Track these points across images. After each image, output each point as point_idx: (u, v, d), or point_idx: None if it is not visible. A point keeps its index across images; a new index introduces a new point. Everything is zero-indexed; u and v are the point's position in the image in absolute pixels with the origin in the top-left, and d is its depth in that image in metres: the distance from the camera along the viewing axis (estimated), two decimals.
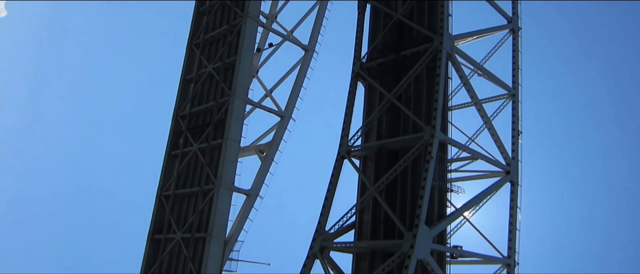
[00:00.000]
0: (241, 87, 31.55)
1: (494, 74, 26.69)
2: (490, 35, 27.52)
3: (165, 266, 31.06)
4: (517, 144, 27.18)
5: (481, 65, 25.89)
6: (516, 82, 27.83)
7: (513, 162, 26.32)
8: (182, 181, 32.74)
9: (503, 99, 28.32)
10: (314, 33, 35.03)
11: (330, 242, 23.80)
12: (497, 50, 28.65)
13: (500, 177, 26.14)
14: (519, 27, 28.10)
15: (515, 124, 27.61)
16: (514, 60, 28.00)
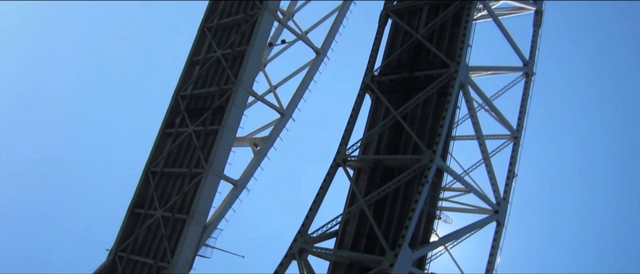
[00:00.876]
0: (247, 78, 31.42)
1: (501, 112, 26.69)
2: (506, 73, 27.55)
3: (140, 240, 30.68)
4: (511, 187, 27.15)
5: (491, 101, 25.87)
6: (521, 126, 27.86)
7: (503, 203, 26.26)
8: (171, 160, 32.42)
9: (505, 139, 28.33)
10: (328, 38, 35.12)
11: (311, 246, 23.57)
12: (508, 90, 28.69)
13: (488, 215, 26.08)
14: (533, 72, 28.21)
15: (512, 166, 27.61)
16: (523, 105, 28.05)
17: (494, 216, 25.95)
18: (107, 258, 31.12)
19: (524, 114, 28.12)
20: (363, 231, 24.07)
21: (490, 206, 25.96)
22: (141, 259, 29.86)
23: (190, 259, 29.12)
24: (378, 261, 21.26)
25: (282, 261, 23.42)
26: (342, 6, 35.88)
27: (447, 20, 25.57)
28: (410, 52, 26.01)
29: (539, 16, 29.10)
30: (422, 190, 21.59)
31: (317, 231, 24.28)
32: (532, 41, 28.75)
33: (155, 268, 29.30)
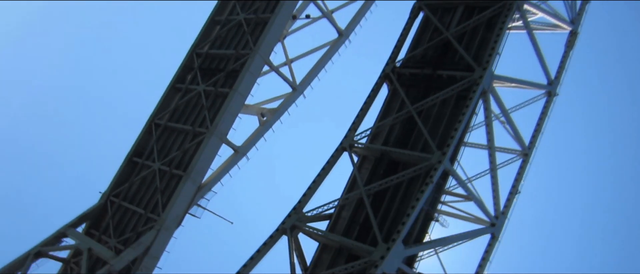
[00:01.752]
0: (266, 46, 30.89)
1: (516, 126, 26.30)
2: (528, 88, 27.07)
3: (134, 189, 30.43)
4: (512, 202, 26.92)
5: (509, 114, 25.44)
6: (533, 144, 27.49)
7: (501, 217, 26.00)
8: (177, 115, 32.02)
9: (515, 154, 27.94)
10: (354, 21, 34.48)
11: (303, 224, 23.33)
12: (526, 105, 28.23)
13: (484, 226, 25.84)
14: (556, 93, 27.72)
15: (517, 182, 27.32)
16: (539, 123, 27.65)
17: (490, 228, 25.68)
18: (98, 200, 30.89)
19: (539, 132, 27.73)
20: (358, 219, 23.84)
21: (488, 218, 25.68)
22: (132, 208, 29.62)
23: (181, 216, 28.88)
24: (369, 252, 21.04)
25: (272, 234, 23.21)
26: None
27: (480, 24, 25.07)
28: (437, 49, 25.54)
29: (574, 37, 28.56)
30: (426, 189, 21.30)
31: (311, 210, 24.07)
32: (562, 61, 28.20)
33: (144, 219, 29.10)
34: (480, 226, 25.98)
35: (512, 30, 26.97)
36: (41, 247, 29.31)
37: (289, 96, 32.62)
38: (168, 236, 28.52)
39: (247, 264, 22.46)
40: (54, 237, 29.72)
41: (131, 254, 27.27)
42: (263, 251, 22.76)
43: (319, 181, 24.22)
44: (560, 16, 28.76)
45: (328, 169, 24.44)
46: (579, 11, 29.47)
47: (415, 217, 21.17)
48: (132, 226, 29.62)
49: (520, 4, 24.85)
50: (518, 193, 27.34)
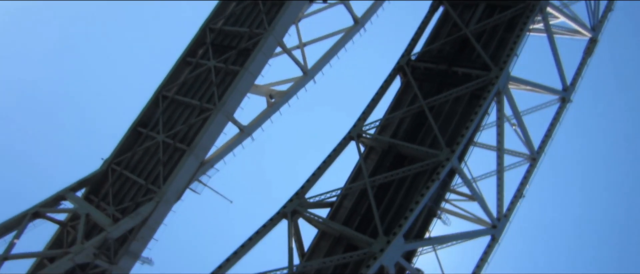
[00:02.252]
0: (280, 27, 30.57)
1: (527, 130, 25.97)
2: (542, 93, 26.70)
3: (136, 158, 30.28)
4: (515, 206, 26.69)
5: (521, 117, 25.11)
6: (542, 149, 27.20)
7: (503, 219, 25.77)
8: (185, 89, 31.75)
9: (522, 158, 27.65)
10: (371, 9, 34.11)
11: (305, 209, 23.12)
12: (539, 110, 27.88)
13: (485, 227, 25.65)
14: (570, 99, 27.34)
15: (522, 186, 27.07)
16: (550, 129, 27.33)
17: (491, 230, 25.44)
18: (100, 166, 30.74)
19: (549, 138, 27.42)
20: (359, 210, 23.61)
21: (490, 219, 25.47)
22: (133, 177, 29.49)
23: (181, 190, 28.76)
24: (368, 243, 20.85)
25: (273, 217, 23.00)
26: None
27: (501, 23, 24.66)
28: (454, 45, 25.14)
29: (593, 45, 28.12)
30: (431, 186, 21.06)
31: (314, 197, 23.86)
32: (578, 68, 27.80)
33: (144, 190, 28.99)
34: (481, 227, 25.82)
35: (532, 33, 26.55)
36: (39, 208, 29.17)
37: (300, 79, 32.30)
38: (167, 208, 28.45)
39: (245, 244, 22.29)
40: (52, 199, 29.58)
41: (129, 224, 27.20)
42: (262, 233, 22.58)
43: (323, 168, 23.96)
44: (581, 21, 28.30)
45: (334, 156, 24.17)
46: (601, 18, 29.00)
47: (418, 212, 20.96)
48: (131, 196, 29.54)
49: (544, 5, 24.38)
50: (522, 197, 27.10)
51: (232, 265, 22.15)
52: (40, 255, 29.24)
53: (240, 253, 22.22)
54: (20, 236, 27.91)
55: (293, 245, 22.55)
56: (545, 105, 28.28)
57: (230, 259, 22.06)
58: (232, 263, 22.09)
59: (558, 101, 27.98)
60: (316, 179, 23.82)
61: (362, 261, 21.73)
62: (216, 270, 21.88)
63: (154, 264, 29.60)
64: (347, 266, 22.37)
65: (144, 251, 28.61)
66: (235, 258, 22.13)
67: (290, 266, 21.05)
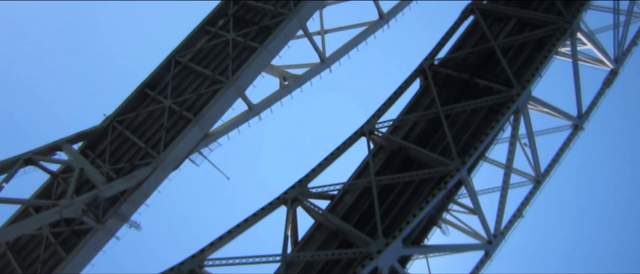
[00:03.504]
0: (306, 11, 30.06)
1: (537, 152, 25.69)
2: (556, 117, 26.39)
3: (139, 120, 29.72)
4: (513, 225, 26.45)
5: (534, 138, 24.80)
6: (548, 173, 26.91)
7: (500, 237, 25.55)
8: (199, 57, 31.14)
9: (527, 178, 27.40)
10: (398, 7, 33.60)
11: (306, 198, 22.78)
12: (550, 133, 27.59)
13: (481, 242, 25.45)
14: (583, 128, 27.06)
15: (522, 206, 26.74)
16: (559, 154, 27.01)
17: (485, 245, 25.20)
18: (101, 122, 30.15)
19: (556, 163, 27.13)
20: (360, 207, 23.29)
21: (486, 235, 25.28)
22: (133, 138, 28.94)
23: (180, 159, 28.26)
24: (366, 242, 20.58)
25: (272, 202, 22.66)
26: None
27: (529, 42, 24.31)
28: (480, 56, 24.77)
29: (613, 76, 27.80)
30: (438, 194, 20.79)
31: (316, 187, 23.53)
32: (596, 97, 27.45)
33: (143, 153, 28.46)
34: (476, 242, 25.61)
35: (557, 56, 26.23)
36: (33, 154, 28.53)
37: (316, 66, 31.78)
38: (163, 175, 27.96)
39: (241, 225, 21.96)
40: (48, 148, 28.92)
41: (122, 185, 26.72)
42: (259, 216, 22.24)
43: (330, 160, 23.61)
44: (606, 52, 27.97)
45: (343, 149, 23.82)
46: (624, 52, 28.68)
47: (420, 219, 20.70)
48: (129, 157, 29.00)
49: (575, 30, 24.03)
50: (521, 217, 26.89)
51: (225, 244, 21.84)
52: (27, 203, 28.65)
53: (235, 233, 21.89)
54: (9, 180, 27.30)
55: (289, 233, 22.27)
56: (558, 129, 27.98)
57: (223, 238, 21.73)
58: (224, 242, 21.79)
59: (571, 128, 27.69)
60: (322, 170, 23.50)
61: (355, 259, 21.52)
62: (207, 247, 21.53)
63: (141, 229, 29.19)
64: (339, 263, 22.09)
65: (133, 215, 28.15)
66: (228, 237, 21.81)
67: (284, 255, 20.76)
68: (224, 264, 20.94)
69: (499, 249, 25.99)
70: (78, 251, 26.12)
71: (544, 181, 27.17)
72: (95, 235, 26.48)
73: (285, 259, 20.76)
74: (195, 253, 21.15)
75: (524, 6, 25.70)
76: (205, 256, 21.08)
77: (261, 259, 20.77)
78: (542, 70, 23.10)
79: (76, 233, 27.52)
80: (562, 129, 27.98)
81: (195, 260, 20.81)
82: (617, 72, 28.31)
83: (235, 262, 20.87)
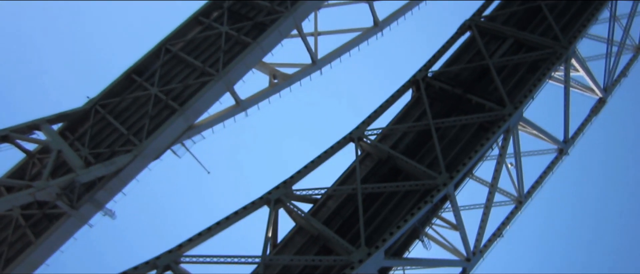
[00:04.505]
0: (302, 10, 29.80)
1: (522, 172, 25.77)
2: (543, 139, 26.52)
3: (123, 106, 29.07)
4: (492, 244, 26.50)
5: (521, 159, 24.88)
6: (530, 194, 27.03)
7: (478, 255, 25.56)
8: (190, 47, 30.62)
9: (509, 198, 27.48)
10: (393, 16, 33.48)
11: (289, 200, 22.41)
12: (537, 154, 27.71)
13: (459, 258, 25.42)
14: (567, 152, 27.25)
15: (503, 226, 26.84)
16: (542, 176, 27.16)
17: (464, 262, 25.19)
18: (83, 104, 29.33)
19: (539, 185, 27.26)
20: (343, 213, 23.01)
21: (465, 252, 25.25)
22: (115, 124, 28.23)
23: (162, 149, 27.71)
24: (348, 251, 20.33)
25: (255, 201, 22.21)
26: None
27: (524, 63, 24.36)
28: (474, 73, 24.76)
29: (601, 105, 28.06)
30: (423, 207, 20.66)
31: (300, 190, 23.19)
32: (582, 124, 27.69)
33: (124, 140, 27.80)
34: (455, 258, 25.55)
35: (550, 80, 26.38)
36: (10, 131, 27.61)
37: (307, 67, 31.47)
38: (143, 164, 27.40)
39: (221, 222, 21.48)
40: (26, 126, 28.02)
41: (101, 171, 26.04)
42: (241, 215, 21.79)
43: (317, 163, 23.27)
44: (596, 80, 28.24)
45: (330, 153, 23.50)
46: (614, 81, 29.00)
47: (404, 231, 20.54)
48: (109, 143, 28.30)
49: (570, 56, 24.18)
50: (501, 237, 26.96)
51: (203, 241, 21.34)
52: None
53: (214, 231, 21.40)
54: None
55: (269, 234, 21.89)
56: (542, 152, 28.14)
57: (202, 234, 21.22)
58: (203, 239, 21.28)
59: (555, 151, 27.88)
60: (307, 172, 23.14)
61: (334, 266, 21.25)
62: (185, 242, 21.00)
63: (115, 218, 28.48)
64: (317, 268, 21.78)
65: (108, 203, 27.43)
66: (207, 234, 21.31)
67: (264, 256, 20.40)
68: (201, 262, 20.44)
69: (476, 267, 26.09)
70: (48, 236, 25.35)
71: (526, 202, 27.29)
72: (68, 220, 25.74)
73: (264, 261, 20.40)
74: (172, 247, 20.60)
75: (522, 27, 25.80)
76: (182, 252, 20.56)
77: (240, 260, 20.36)
78: (535, 92, 23.16)
79: (48, 217, 26.68)
80: (546, 152, 28.17)
81: (172, 255, 20.27)
82: (605, 101, 28.60)
83: (213, 260, 20.39)
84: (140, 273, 19.88)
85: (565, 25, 25.43)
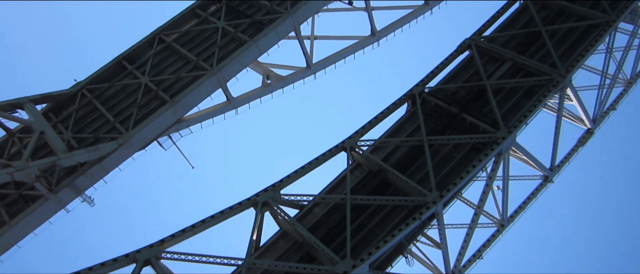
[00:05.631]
0: (302, 13, 29.55)
1: (508, 197, 25.87)
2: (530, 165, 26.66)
3: (111, 92, 28.47)
4: (471, 264, 26.62)
5: (508, 183, 24.96)
6: (513, 219, 27.18)
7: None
8: (185, 39, 30.10)
9: (491, 220, 27.57)
10: (390, 27, 33.49)
11: (276, 204, 22.09)
12: (523, 179, 27.87)
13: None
14: (552, 180, 27.46)
15: (483, 248, 26.95)
16: (525, 202, 27.31)
17: None
18: (70, 87, 28.56)
19: (522, 210, 27.41)
20: (329, 222, 22.74)
21: (445, 271, 25.21)
22: (102, 110, 27.55)
23: (148, 140, 27.19)
24: (333, 261, 20.09)
25: (242, 202, 21.83)
26: (417, 9, 34.26)
27: (521, 87, 24.47)
28: (470, 92, 24.79)
29: (589, 136, 28.32)
30: (412, 223, 20.56)
31: (288, 195, 22.88)
32: (569, 153, 27.92)
33: (110, 126, 27.13)
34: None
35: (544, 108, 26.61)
36: None
37: (301, 71, 31.28)
38: (128, 153, 26.83)
39: (206, 221, 21.06)
40: (8, 104, 27.14)
41: (84, 156, 25.39)
42: (227, 215, 21.39)
43: (308, 169, 23.00)
44: (587, 111, 28.55)
45: (322, 161, 23.26)
46: (603, 113, 29.33)
47: (391, 246, 20.40)
48: (94, 128, 27.61)
49: (566, 86, 24.38)
50: (480, 258, 27.05)
51: (186, 238, 20.91)
52: None
53: (198, 229, 20.99)
54: None
55: (254, 237, 21.55)
56: (528, 178, 28.32)
57: (186, 231, 20.78)
58: (186, 236, 20.85)
59: (541, 178, 28.07)
60: (297, 178, 22.87)
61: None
62: (167, 238, 20.52)
63: (94, 205, 27.82)
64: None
65: (88, 189, 26.76)
66: (191, 231, 20.88)
67: (248, 259, 20.08)
68: (182, 260, 19.98)
69: None
70: (23, 217, 24.59)
71: (508, 225, 27.42)
72: (45, 204, 25.02)
73: (247, 264, 20.05)
74: (154, 242, 20.11)
75: (521, 51, 25.93)
76: (164, 247, 20.07)
77: (223, 261, 19.97)
78: (529, 119, 23.27)
79: (24, 198, 25.90)
80: (532, 178, 28.33)
81: (154, 250, 19.76)
82: (593, 132, 28.91)
83: (195, 259, 19.96)
84: (120, 265, 19.36)
85: (564, 53, 25.64)
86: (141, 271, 19.44)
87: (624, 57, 28.60)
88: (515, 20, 27.66)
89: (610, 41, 26.48)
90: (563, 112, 27.09)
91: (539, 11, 27.22)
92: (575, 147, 28.98)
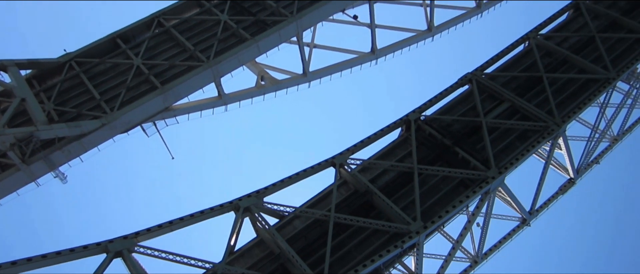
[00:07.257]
0: (306, 20, 29.15)
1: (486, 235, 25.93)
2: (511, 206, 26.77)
3: (100, 69, 27.52)
4: None
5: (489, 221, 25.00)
6: (487, 256, 27.23)
7: None
8: (185, 27, 29.34)
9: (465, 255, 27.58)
10: (390, 47, 33.45)
11: (258, 211, 21.60)
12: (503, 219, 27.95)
13: None
14: (529, 224, 27.63)
15: None
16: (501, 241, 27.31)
17: None
18: (59, 57, 27.49)
19: (497, 249, 27.50)
20: (309, 236, 22.35)
21: None
22: (89, 85, 26.54)
23: (133, 123, 26.30)
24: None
25: (223, 204, 21.31)
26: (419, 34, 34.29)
27: (516, 129, 24.56)
28: (465, 126, 24.76)
29: (570, 185, 28.61)
30: (393, 250, 20.35)
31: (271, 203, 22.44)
32: (549, 200, 28.12)
33: (94, 104, 26.17)
34: None
35: None
36: None
37: (296, 77, 30.87)
38: (109, 134, 25.90)
39: (185, 219, 20.48)
40: None
41: (63, 131, 24.42)
42: (206, 215, 20.86)
43: (294, 179, 22.63)
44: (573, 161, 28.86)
45: (310, 173, 22.93)
46: (586, 166, 29.69)
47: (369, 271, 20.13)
48: (77, 103, 26.58)
49: (559, 135, 24.57)
50: None
51: (163, 234, 20.28)
52: None
53: (176, 226, 20.40)
54: None
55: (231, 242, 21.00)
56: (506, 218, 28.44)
57: (162, 227, 20.15)
58: (163, 232, 20.22)
59: (518, 220, 28.24)
60: (283, 187, 22.50)
61: None
62: (142, 231, 19.86)
63: (66, 183, 26.82)
64: None
65: (63, 166, 25.76)
66: (168, 227, 20.26)
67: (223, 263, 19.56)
68: (154, 255, 19.33)
69: None
70: None
71: (481, 262, 27.47)
72: (16, 174, 23.92)
73: (221, 268, 19.52)
74: (128, 234, 19.39)
75: (520, 94, 26.07)
76: (138, 241, 19.40)
77: (197, 262, 19.40)
78: (520, 162, 23.34)
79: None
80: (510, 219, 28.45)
81: (127, 242, 19.07)
82: (574, 182, 29.22)
83: (168, 256, 19.33)
84: (90, 253, 18.61)
85: (562, 101, 25.86)
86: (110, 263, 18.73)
87: (615, 115, 29.04)
88: (518, 62, 27.86)
89: (606, 98, 26.83)
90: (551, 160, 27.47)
91: (543, 57, 27.44)
92: (555, 195, 29.21)
